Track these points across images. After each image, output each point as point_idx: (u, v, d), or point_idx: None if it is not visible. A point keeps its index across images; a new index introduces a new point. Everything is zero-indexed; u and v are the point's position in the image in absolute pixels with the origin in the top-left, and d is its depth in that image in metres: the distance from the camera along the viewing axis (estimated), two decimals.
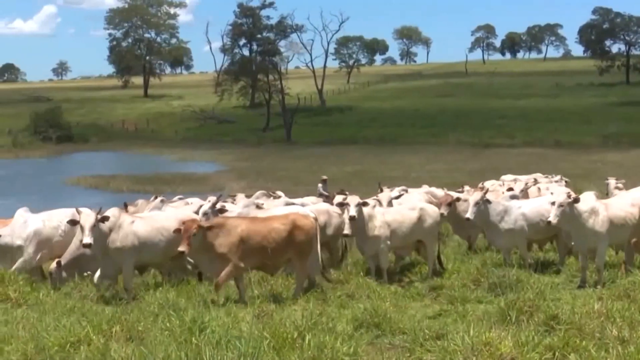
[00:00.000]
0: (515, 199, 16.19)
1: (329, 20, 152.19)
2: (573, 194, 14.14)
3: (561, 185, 21.47)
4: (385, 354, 8.74)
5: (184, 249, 11.78)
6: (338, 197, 15.52)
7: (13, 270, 13.51)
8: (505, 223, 14.69)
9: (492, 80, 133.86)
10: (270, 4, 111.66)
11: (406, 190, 19.92)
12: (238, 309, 11.13)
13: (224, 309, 10.89)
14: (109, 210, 12.96)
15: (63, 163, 75.20)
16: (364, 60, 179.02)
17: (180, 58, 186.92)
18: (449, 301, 11.90)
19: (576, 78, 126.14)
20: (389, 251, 14.76)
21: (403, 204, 16.09)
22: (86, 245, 12.23)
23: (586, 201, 13.30)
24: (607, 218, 13.27)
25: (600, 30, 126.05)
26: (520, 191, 18.50)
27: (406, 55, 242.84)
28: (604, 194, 20.05)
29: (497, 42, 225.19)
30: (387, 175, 42.86)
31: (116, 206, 14.68)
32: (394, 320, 9.96)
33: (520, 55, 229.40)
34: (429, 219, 14.98)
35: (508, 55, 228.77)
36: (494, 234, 14.92)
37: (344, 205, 14.27)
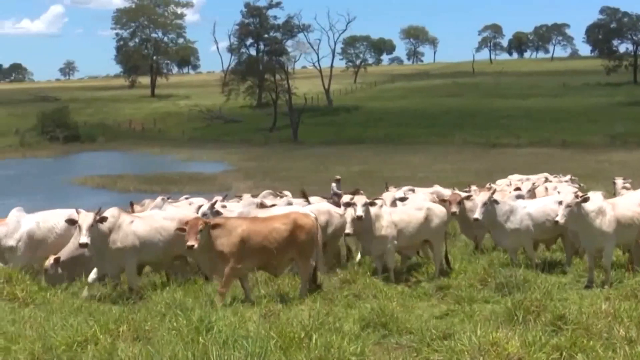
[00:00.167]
0: (520, 198, 16.16)
1: (335, 20, 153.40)
2: (580, 193, 14.11)
3: (571, 185, 21.34)
4: (392, 353, 8.74)
5: (193, 244, 11.52)
6: (345, 197, 15.47)
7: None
8: (511, 223, 14.66)
9: (499, 80, 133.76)
10: (277, 4, 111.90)
11: (413, 190, 19.87)
12: (245, 308, 11.11)
13: (230, 308, 10.87)
14: (108, 210, 12.89)
15: (70, 163, 75.32)
16: (370, 60, 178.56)
17: (187, 58, 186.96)
18: (456, 301, 11.89)
19: (583, 78, 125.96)
20: (396, 251, 14.75)
21: (408, 204, 16.06)
22: (82, 244, 12.18)
23: (593, 201, 13.27)
24: (614, 218, 13.24)
25: (608, 29, 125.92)
26: (527, 191, 18.46)
27: (413, 55, 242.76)
28: (611, 194, 20.00)
29: (504, 42, 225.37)
30: (394, 175, 42.80)
31: (123, 206, 14.68)
32: (401, 320, 9.96)
33: (527, 55, 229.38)
34: (435, 219, 14.94)
35: (515, 55, 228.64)
36: (500, 234, 14.88)
37: (351, 204, 14.23)
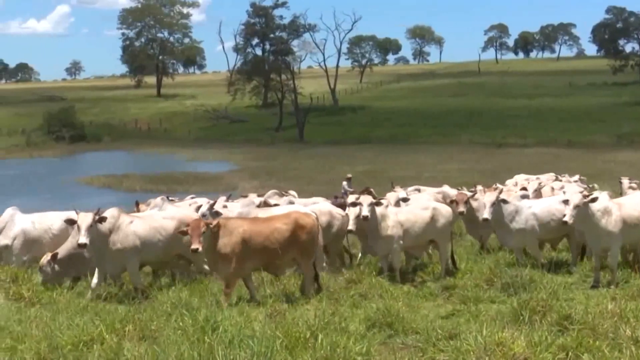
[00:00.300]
0: (525, 198, 16.15)
1: (341, 20, 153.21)
2: (586, 192, 14.10)
3: (580, 185, 21.22)
4: (397, 353, 8.75)
5: (197, 247, 11.43)
6: (351, 197, 15.43)
7: None
8: (516, 223, 14.66)
9: (505, 79, 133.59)
10: (283, 4, 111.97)
11: (419, 189, 19.87)
12: (251, 308, 11.13)
13: (236, 308, 10.89)
14: (107, 210, 12.84)
15: (76, 162, 75.46)
16: (376, 60, 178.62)
17: (193, 57, 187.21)
18: (462, 301, 11.88)
19: (589, 77, 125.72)
20: (402, 251, 14.74)
21: (412, 204, 16.03)
22: (82, 245, 12.15)
23: (599, 201, 13.24)
24: (620, 218, 13.21)
25: (614, 29, 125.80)
26: (533, 191, 18.45)
27: (419, 54, 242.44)
28: (618, 194, 19.97)
29: (510, 42, 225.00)
30: (400, 175, 42.85)
31: (128, 206, 14.67)
32: (407, 320, 9.97)
33: (533, 54, 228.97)
34: (441, 219, 14.92)
35: (521, 54, 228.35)
36: (505, 233, 14.88)
37: (356, 204, 14.20)
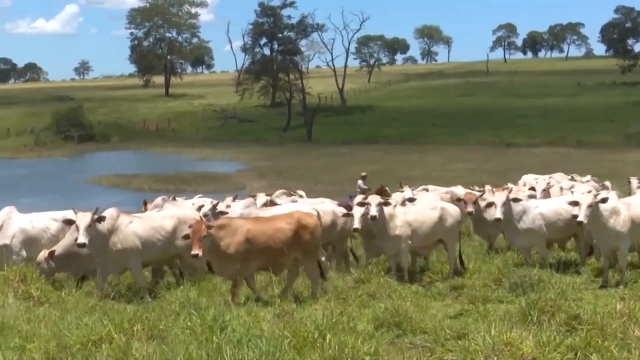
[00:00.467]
0: (532, 198, 16.13)
1: (349, 20, 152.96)
2: (595, 192, 14.08)
3: (594, 186, 21.02)
4: (406, 353, 8.75)
5: (197, 253, 11.34)
6: (358, 197, 15.42)
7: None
8: (523, 223, 14.66)
9: (514, 79, 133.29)
10: (291, 3, 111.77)
11: (427, 189, 19.86)
12: (259, 308, 11.14)
13: (244, 308, 10.89)
14: (106, 211, 12.87)
15: (85, 162, 75.56)
16: (384, 60, 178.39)
17: (201, 57, 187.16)
18: (470, 301, 11.89)
19: (598, 77, 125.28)
20: (410, 250, 14.72)
21: (418, 204, 16.02)
22: (80, 244, 12.19)
23: (608, 201, 13.22)
24: (629, 218, 13.20)
25: (623, 29, 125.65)
26: (541, 190, 18.41)
27: (427, 54, 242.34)
28: (626, 194, 19.92)
29: (519, 41, 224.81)
30: (408, 175, 42.75)
31: (137, 205, 14.68)
32: (415, 319, 9.96)
33: (541, 54, 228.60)
34: (449, 219, 14.93)
35: (529, 54, 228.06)
36: (513, 233, 14.88)
37: (364, 204, 14.20)
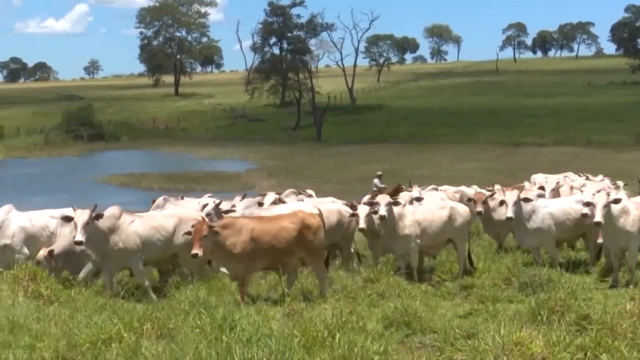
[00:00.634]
0: (542, 197, 16.11)
1: (359, 19, 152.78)
2: (605, 191, 14.04)
3: (609, 185, 20.86)
4: (415, 352, 8.74)
5: (196, 252, 11.29)
6: (365, 197, 15.40)
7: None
8: (532, 222, 14.66)
9: (523, 78, 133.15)
10: (301, 3, 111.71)
11: (436, 188, 19.85)
12: (268, 307, 11.15)
13: (254, 307, 10.89)
14: (108, 209, 12.89)
15: (94, 161, 75.59)
16: (394, 59, 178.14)
17: (210, 57, 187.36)
18: (480, 300, 11.88)
19: (608, 76, 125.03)
20: (419, 250, 14.71)
21: (426, 204, 16.01)
22: (77, 242, 12.22)
23: None
24: (638, 217, 13.16)
25: (633, 28, 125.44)
26: (550, 190, 18.36)
27: (437, 53, 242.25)
28: (636, 193, 19.87)
29: (529, 41, 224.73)
30: (417, 174, 42.69)
31: (146, 205, 14.68)
32: (425, 319, 9.96)
33: (551, 53, 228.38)
34: (459, 218, 14.93)
35: (539, 53, 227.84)
36: (522, 233, 14.88)
37: (373, 204, 14.21)
